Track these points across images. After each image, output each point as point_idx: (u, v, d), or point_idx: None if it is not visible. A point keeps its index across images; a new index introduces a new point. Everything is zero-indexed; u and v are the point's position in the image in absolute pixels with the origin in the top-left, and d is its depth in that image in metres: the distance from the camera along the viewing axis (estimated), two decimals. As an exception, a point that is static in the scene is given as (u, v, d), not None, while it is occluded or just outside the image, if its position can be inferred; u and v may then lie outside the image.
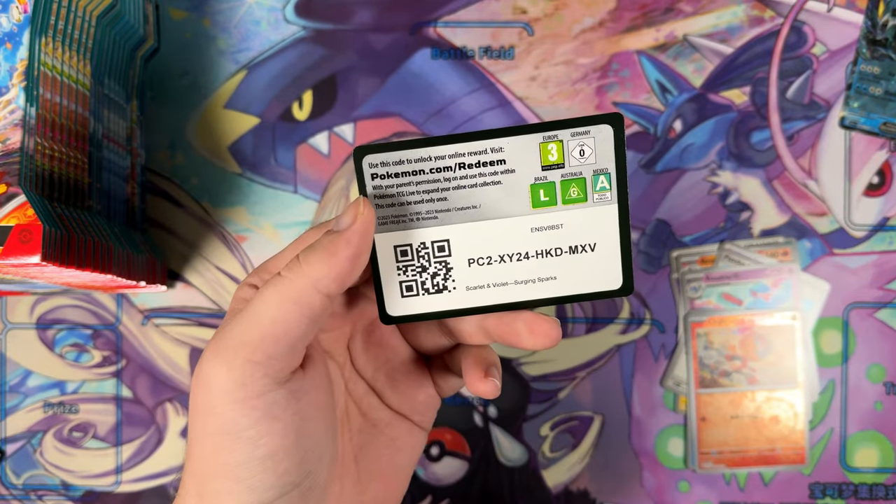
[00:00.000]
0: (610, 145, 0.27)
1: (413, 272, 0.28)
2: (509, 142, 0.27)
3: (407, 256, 0.28)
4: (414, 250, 0.28)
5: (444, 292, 0.28)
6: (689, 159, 0.44)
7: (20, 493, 0.44)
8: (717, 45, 0.44)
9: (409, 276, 0.28)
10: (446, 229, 0.28)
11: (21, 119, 0.33)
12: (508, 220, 0.27)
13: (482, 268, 0.28)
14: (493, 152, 0.27)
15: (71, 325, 0.44)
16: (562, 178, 0.27)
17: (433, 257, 0.28)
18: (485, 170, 0.27)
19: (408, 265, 0.28)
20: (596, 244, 0.28)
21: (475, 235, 0.28)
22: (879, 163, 0.44)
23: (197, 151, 0.44)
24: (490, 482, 0.44)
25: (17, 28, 0.34)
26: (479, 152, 0.27)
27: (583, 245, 0.28)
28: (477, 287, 0.28)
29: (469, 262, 0.28)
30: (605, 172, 0.27)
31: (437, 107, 0.44)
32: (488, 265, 0.28)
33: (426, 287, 0.28)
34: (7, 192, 0.33)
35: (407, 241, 0.28)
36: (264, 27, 0.44)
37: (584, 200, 0.27)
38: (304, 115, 0.44)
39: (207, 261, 0.44)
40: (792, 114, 0.44)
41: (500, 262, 0.28)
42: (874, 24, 0.43)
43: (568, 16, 0.44)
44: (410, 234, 0.28)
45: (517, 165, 0.27)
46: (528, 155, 0.27)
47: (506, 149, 0.27)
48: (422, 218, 0.27)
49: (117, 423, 0.44)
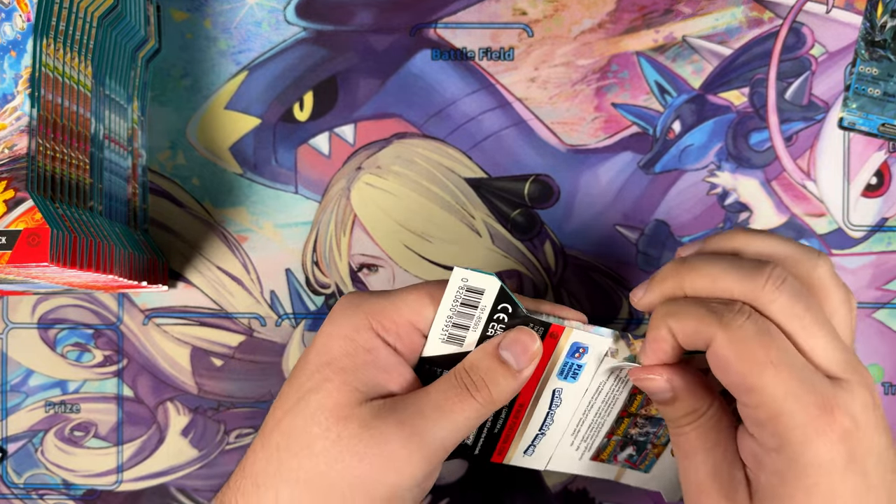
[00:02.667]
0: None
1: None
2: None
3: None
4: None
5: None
6: (688, 160, 0.44)
7: (21, 492, 0.45)
8: (716, 47, 0.44)
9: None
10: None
11: (27, 125, 0.34)
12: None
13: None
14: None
15: (72, 325, 0.45)
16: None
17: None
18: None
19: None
20: None
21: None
22: (878, 164, 0.44)
23: (198, 152, 0.44)
24: (490, 482, 0.44)
25: (21, 36, 0.34)
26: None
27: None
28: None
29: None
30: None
31: (437, 108, 0.44)
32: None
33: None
34: (15, 196, 0.33)
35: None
36: (265, 28, 0.44)
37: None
38: (304, 115, 0.44)
39: (208, 261, 0.45)
40: (790, 115, 0.44)
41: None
42: (873, 25, 0.43)
43: (567, 17, 0.44)
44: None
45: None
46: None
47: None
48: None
49: (118, 422, 0.45)
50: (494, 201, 0.44)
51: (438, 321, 0.31)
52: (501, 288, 0.30)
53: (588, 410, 0.34)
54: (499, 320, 0.31)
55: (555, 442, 0.34)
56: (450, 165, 0.44)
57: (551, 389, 0.33)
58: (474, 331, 0.31)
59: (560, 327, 0.31)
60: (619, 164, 0.44)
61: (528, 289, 0.44)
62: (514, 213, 0.44)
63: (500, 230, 0.44)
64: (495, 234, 0.44)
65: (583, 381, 0.33)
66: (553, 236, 0.44)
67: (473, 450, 0.35)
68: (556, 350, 0.32)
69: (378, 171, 0.44)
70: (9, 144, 0.34)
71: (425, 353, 0.31)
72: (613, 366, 0.32)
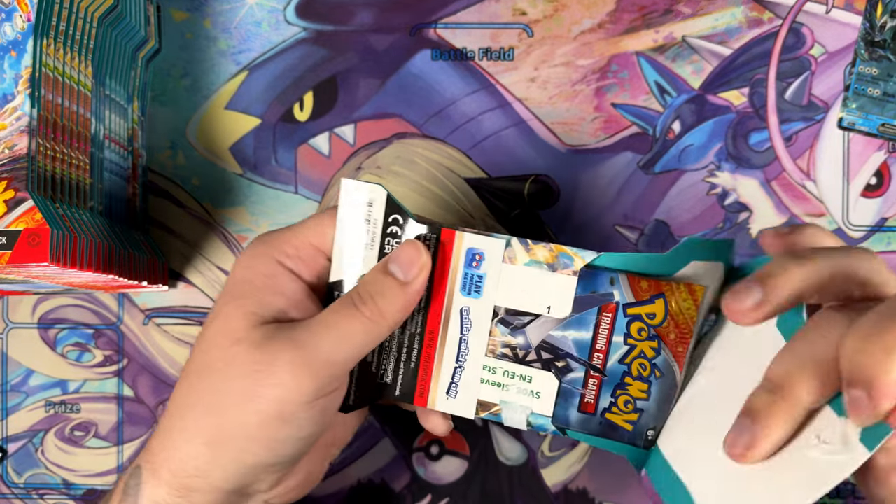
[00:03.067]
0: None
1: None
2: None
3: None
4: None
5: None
6: (688, 160, 0.44)
7: (22, 492, 0.45)
8: (716, 47, 0.44)
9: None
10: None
11: (27, 125, 0.34)
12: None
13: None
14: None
15: (73, 325, 0.45)
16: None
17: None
18: None
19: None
20: None
21: None
22: (877, 164, 0.44)
23: (198, 152, 0.45)
24: (489, 481, 0.44)
25: (22, 36, 0.34)
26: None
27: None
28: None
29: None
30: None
31: (437, 108, 0.44)
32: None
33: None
34: (15, 196, 0.33)
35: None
36: (265, 28, 0.44)
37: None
38: (304, 115, 0.44)
39: (208, 261, 0.45)
40: (790, 115, 0.44)
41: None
42: (872, 25, 0.43)
43: (567, 17, 0.44)
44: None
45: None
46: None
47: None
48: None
49: (119, 422, 0.45)
50: (494, 201, 0.44)
51: (339, 240, 0.31)
52: (388, 196, 0.30)
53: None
54: (393, 234, 0.31)
55: (477, 377, 0.32)
56: (450, 165, 0.44)
57: (458, 309, 0.31)
58: (372, 249, 0.31)
59: (451, 231, 0.31)
60: (618, 164, 0.44)
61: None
62: (515, 214, 0.44)
63: (500, 230, 0.44)
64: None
65: (487, 295, 0.31)
66: (553, 236, 0.44)
67: (394, 390, 0.33)
68: (452, 261, 0.31)
69: (378, 171, 0.44)
70: (9, 144, 0.34)
71: (331, 279, 0.32)
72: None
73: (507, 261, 0.31)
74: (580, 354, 0.31)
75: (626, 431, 0.31)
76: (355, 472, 0.44)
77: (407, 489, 0.44)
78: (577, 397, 0.31)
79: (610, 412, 0.31)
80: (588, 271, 0.30)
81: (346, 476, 0.44)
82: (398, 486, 0.44)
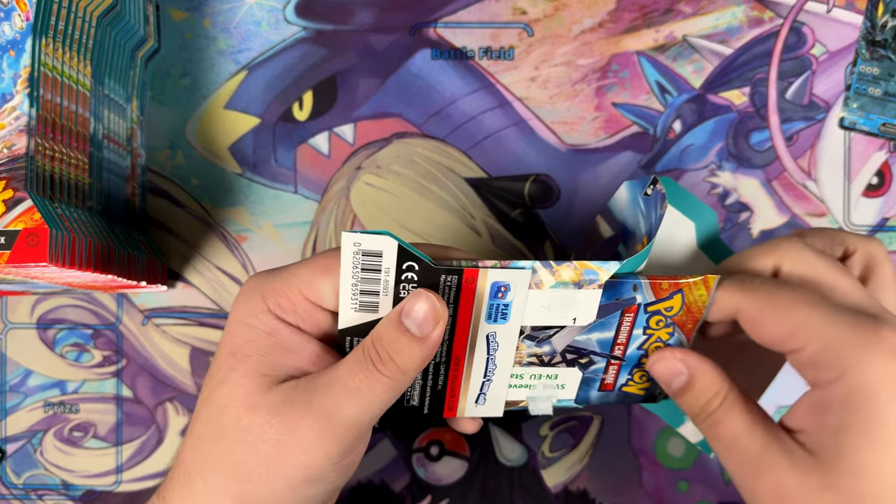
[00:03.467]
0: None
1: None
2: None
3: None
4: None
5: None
6: (689, 160, 0.44)
7: (20, 493, 0.45)
8: (717, 46, 0.44)
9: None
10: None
11: (26, 125, 0.34)
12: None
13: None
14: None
15: (71, 325, 0.44)
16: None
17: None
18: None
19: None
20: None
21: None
22: (878, 163, 0.44)
23: (197, 152, 0.44)
24: (489, 482, 0.44)
25: (20, 35, 0.34)
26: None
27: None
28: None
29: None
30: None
31: (437, 107, 0.44)
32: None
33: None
34: (14, 196, 0.33)
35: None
36: (264, 28, 0.44)
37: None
38: (304, 115, 0.44)
39: (208, 261, 0.44)
40: (791, 114, 0.44)
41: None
42: (873, 24, 0.43)
43: (568, 17, 0.44)
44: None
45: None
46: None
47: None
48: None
49: (118, 422, 0.44)
50: (494, 201, 0.44)
51: (343, 291, 0.29)
52: (399, 247, 0.28)
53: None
54: (409, 280, 0.29)
55: (505, 384, 0.33)
56: (450, 165, 0.44)
57: (484, 335, 0.31)
58: (385, 294, 0.29)
59: (474, 270, 0.29)
60: (619, 163, 0.44)
61: (528, 289, 0.44)
62: (514, 213, 0.44)
63: (500, 230, 0.44)
64: (495, 234, 0.44)
65: (514, 320, 0.31)
66: (553, 236, 0.44)
67: (422, 410, 0.33)
68: (476, 295, 0.30)
69: (378, 170, 0.44)
70: (8, 144, 0.34)
71: (341, 325, 0.30)
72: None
73: (533, 286, 0.30)
74: (602, 350, 0.32)
75: (639, 396, 0.34)
76: (355, 472, 0.44)
77: (407, 490, 0.44)
78: (598, 381, 0.33)
79: (626, 386, 0.34)
80: (613, 281, 0.30)
81: (345, 477, 0.44)
82: (398, 487, 0.44)
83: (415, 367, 0.29)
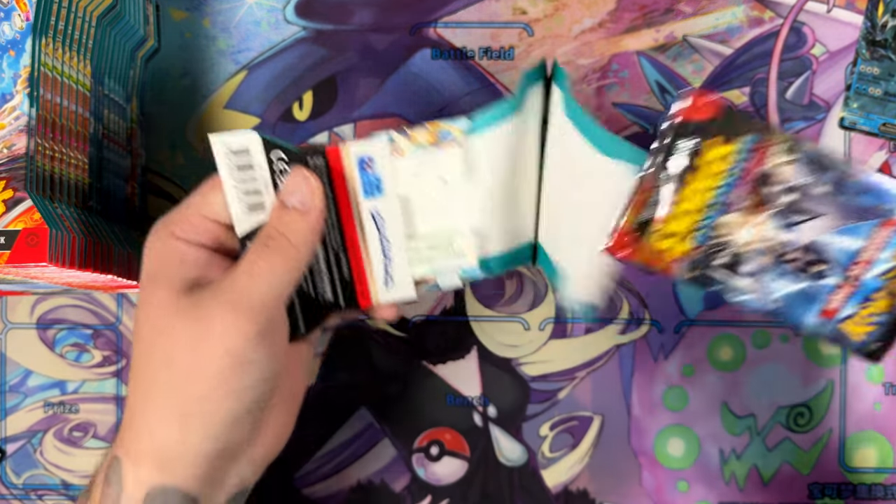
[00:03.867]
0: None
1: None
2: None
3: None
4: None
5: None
6: (689, 160, 0.44)
7: (20, 493, 0.45)
8: (717, 46, 0.44)
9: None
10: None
11: (26, 125, 0.34)
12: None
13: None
14: None
15: (71, 325, 0.44)
16: None
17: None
18: None
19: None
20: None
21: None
22: (879, 163, 0.44)
23: (197, 152, 0.44)
24: (489, 482, 0.44)
25: (20, 35, 0.34)
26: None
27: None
28: None
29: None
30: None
31: (437, 107, 0.44)
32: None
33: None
34: (14, 196, 0.33)
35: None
36: (264, 27, 0.44)
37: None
38: (304, 115, 0.44)
39: (208, 261, 0.44)
40: (791, 114, 0.44)
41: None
42: (874, 24, 0.43)
43: (568, 16, 0.44)
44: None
45: None
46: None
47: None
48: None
49: (117, 422, 0.44)
50: (494, 201, 0.44)
51: (230, 196, 0.32)
52: (263, 139, 0.31)
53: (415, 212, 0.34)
54: (282, 171, 0.32)
55: (404, 261, 0.34)
56: (450, 165, 0.44)
57: (368, 213, 0.34)
58: (267, 192, 0.32)
59: (335, 148, 0.32)
60: (619, 163, 0.44)
61: (528, 289, 0.44)
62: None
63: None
64: (495, 234, 0.44)
65: (389, 191, 0.33)
66: (553, 236, 0.44)
67: (338, 304, 0.35)
68: (347, 174, 0.33)
69: (378, 170, 0.44)
70: (7, 144, 0.34)
71: (238, 233, 0.32)
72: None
73: (395, 154, 0.33)
74: (842, 261, 0.29)
75: (855, 343, 0.30)
76: (355, 472, 0.44)
77: (407, 490, 0.44)
78: (820, 303, 0.30)
79: (847, 321, 0.30)
80: (881, 187, 0.28)
81: (346, 477, 0.44)
82: (398, 487, 0.44)
83: (305, 241, 0.31)
